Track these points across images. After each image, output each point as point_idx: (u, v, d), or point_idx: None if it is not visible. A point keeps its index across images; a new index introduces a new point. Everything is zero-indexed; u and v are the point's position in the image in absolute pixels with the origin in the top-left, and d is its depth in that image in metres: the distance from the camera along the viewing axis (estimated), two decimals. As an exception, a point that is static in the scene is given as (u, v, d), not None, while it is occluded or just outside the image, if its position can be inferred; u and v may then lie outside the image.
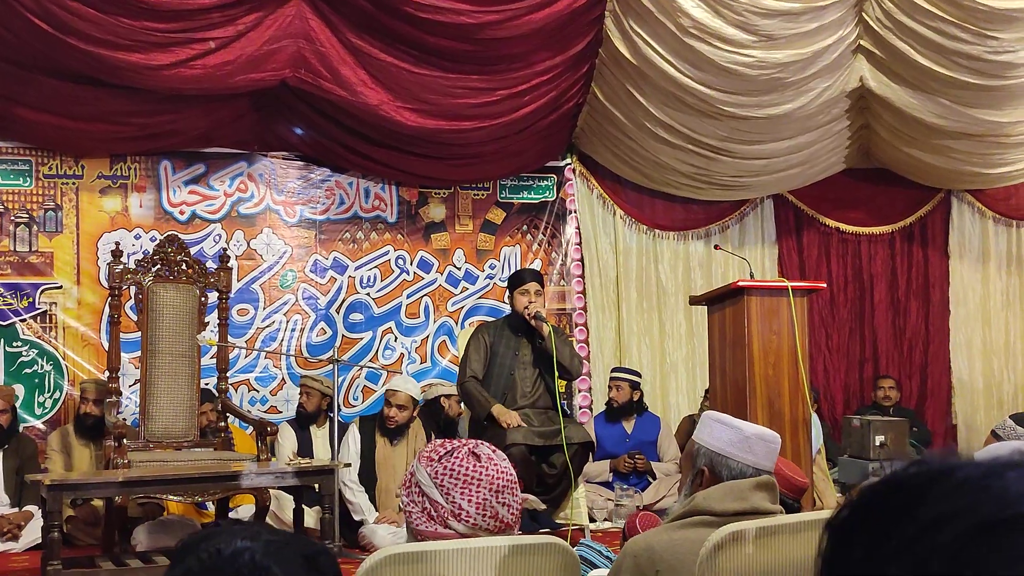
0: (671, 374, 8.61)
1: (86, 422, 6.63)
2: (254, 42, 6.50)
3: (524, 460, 5.70)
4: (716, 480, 2.52)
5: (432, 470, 2.24)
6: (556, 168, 8.46)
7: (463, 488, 2.22)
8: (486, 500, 2.22)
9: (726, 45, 7.25)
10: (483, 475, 2.22)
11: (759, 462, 2.52)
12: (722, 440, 2.54)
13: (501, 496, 2.24)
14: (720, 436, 2.55)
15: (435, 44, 6.95)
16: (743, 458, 2.50)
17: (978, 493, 0.54)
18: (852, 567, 0.58)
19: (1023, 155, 8.57)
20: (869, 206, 9.24)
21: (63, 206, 7.31)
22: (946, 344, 9.37)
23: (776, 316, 5.46)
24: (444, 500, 2.22)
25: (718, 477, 2.51)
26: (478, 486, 2.22)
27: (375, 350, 7.91)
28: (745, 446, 2.51)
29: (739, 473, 2.50)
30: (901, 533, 0.55)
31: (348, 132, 7.50)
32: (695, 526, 2.43)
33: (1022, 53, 7.55)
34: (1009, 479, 0.54)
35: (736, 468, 2.51)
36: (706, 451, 2.55)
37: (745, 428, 2.55)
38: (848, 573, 0.58)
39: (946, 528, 0.53)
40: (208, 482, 5.25)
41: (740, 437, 2.52)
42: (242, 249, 7.66)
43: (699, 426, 2.65)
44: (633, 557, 2.45)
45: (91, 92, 6.72)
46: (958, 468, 0.56)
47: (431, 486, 2.23)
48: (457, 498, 2.21)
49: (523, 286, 6.14)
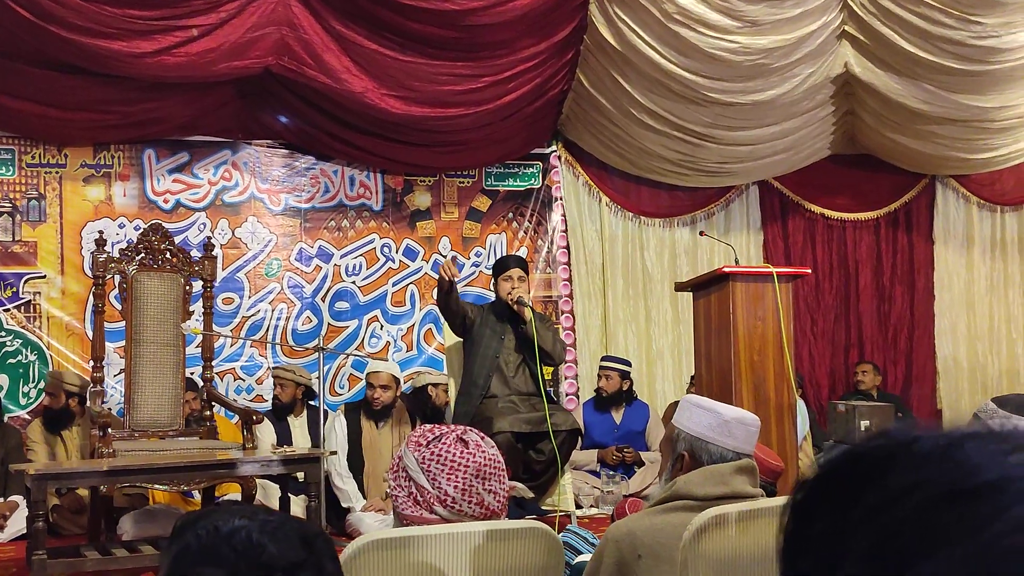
0: (657, 361, 8.62)
1: (47, 415, 6.63)
2: (237, 29, 6.47)
3: (510, 447, 5.70)
4: (696, 464, 2.51)
5: (419, 455, 2.24)
6: (541, 155, 8.45)
7: (449, 474, 2.22)
8: (472, 486, 2.22)
9: (710, 31, 7.25)
10: (470, 461, 2.22)
11: (739, 446, 2.52)
12: (701, 424, 2.53)
13: (488, 483, 2.24)
14: (700, 421, 2.54)
15: (419, 31, 6.93)
16: (723, 442, 2.50)
17: (940, 464, 0.55)
18: (813, 542, 0.58)
19: (1007, 140, 8.60)
20: (854, 192, 9.25)
21: (46, 195, 7.27)
22: (931, 329, 9.41)
23: (761, 302, 5.47)
24: (430, 485, 2.22)
25: (698, 462, 2.51)
26: (464, 472, 2.22)
27: (361, 338, 7.91)
28: (725, 430, 2.50)
29: (719, 457, 2.50)
30: (863, 505, 0.56)
31: (333, 120, 7.47)
32: (676, 511, 2.44)
33: (1006, 38, 7.57)
34: (969, 449, 0.55)
35: (716, 452, 2.50)
36: (686, 436, 2.55)
37: (724, 412, 2.55)
38: (810, 548, 0.58)
39: (908, 499, 0.54)
40: (194, 471, 5.24)
41: (719, 421, 2.51)
42: (227, 238, 7.63)
43: (679, 411, 2.64)
44: (615, 542, 2.45)
45: (74, 80, 6.68)
46: (919, 440, 0.57)
47: (418, 471, 2.23)
48: (443, 483, 2.21)
49: (507, 272, 6.13)
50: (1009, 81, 7.97)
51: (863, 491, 0.56)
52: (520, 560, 2.30)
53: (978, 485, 0.52)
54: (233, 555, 1.21)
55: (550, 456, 5.87)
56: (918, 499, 0.54)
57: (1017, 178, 9.51)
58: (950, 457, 0.55)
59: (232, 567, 1.20)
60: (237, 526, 1.24)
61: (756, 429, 2.58)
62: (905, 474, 0.55)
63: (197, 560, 1.22)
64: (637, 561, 2.39)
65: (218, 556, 1.21)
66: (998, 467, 0.53)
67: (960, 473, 0.54)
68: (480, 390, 6.00)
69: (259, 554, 1.21)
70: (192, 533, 1.25)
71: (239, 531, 1.23)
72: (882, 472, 0.56)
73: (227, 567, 1.20)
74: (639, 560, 2.39)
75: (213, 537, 1.23)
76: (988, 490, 0.52)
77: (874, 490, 0.56)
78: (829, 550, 0.56)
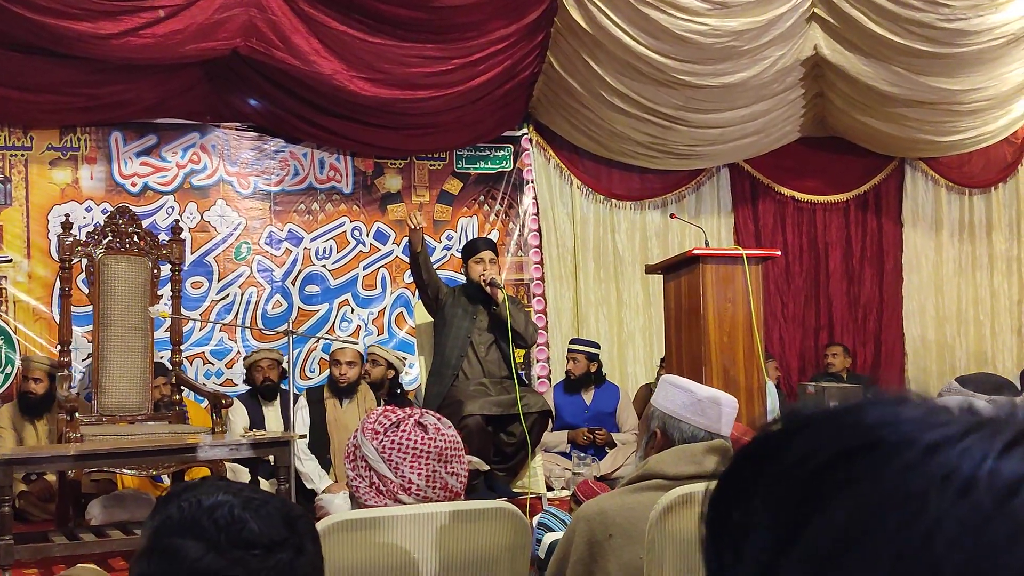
0: (628, 343, 8.64)
1: (28, 399, 6.52)
2: (204, 10, 6.41)
3: (480, 430, 5.70)
4: (668, 442, 2.51)
5: (379, 444, 2.22)
6: (513, 138, 8.44)
7: (412, 461, 2.20)
8: (435, 471, 2.21)
9: (681, 13, 7.25)
10: (431, 446, 2.21)
11: (711, 425, 2.51)
12: (675, 403, 2.52)
13: (449, 466, 2.23)
14: (673, 399, 2.53)
15: (389, 12, 6.89)
16: (695, 421, 2.49)
17: (834, 430, 0.56)
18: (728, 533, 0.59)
19: (975, 123, 8.65)
20: (824, 175, 9.29)
21: (12, 178, 7.19)
22: (899, 311, 9.47)
23: (731, 284, 5.49)
24: (393, 475, 2.20)
25: (670, 440, 2.51)
26: (427, 458, 2.21)
27: (331, 322, 7.88)
28: (697, 409, 2.49)
29: (690, 436, 2.49)
30: (763, 483, 0.57)
31: (302, 102, 7.43)
32: (648, 489, 2.43)
33: (974, 21, 7.61)
34: (865, 413, 0.56)
35: (687, 431, 2.50)
36: (660, 413, 2.55)
37: (698, 391, 2.54)
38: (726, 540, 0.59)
39: (803, 467, 0.55)
40: (162, 455, 5.20)
41: (692, 400, 2.51)
42: (195, 221, 7.58)
43: (657, 389, 2.64)
44: (586, 521, 2.45)
45: (39, 62, 6.61)
46: (818, 413, 0.58)
47: (379, 460, 2.21)
48: (406, 472, 2.20)
49: (478, 254, 6.13)
50: (977, 64, 8.01)
51: (766, 467, 0.58)
52: (487, 540, 2.29)
53: (869, 442, 0.54)
54: (214, 528, 1.22)
55: (521, 438, 5.88)
56: (811, 464, 0.55)
57: (985, 161, 9.58)
58: (844, 422, 0.56)
59: (212, 540, 1.22)
60: (220, 500, 1.25)
61: (732, 411, 2.57)
62: (801, 445, 0.56)
63: (178, 531, 1.23)
64: (608, 540, 2.39)
65: (199, 528, 1.23)
66: (891, 424, 0.55)
67: (852, 434, 0.55)
68: (452, 371, 6.00)
69: (240, 529, 1.22)
70: (175, 505, 1.26)
71: (222, 505, 1.24)
72: (780, 448, 0.58)
73: (207, 540, 1.22)
74: (610, 539, 2.38)
75: (195, 510, 1.24)
76: (878, 444, 0.54)
77: (772, 466, 0.57)
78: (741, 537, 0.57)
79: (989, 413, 0.56)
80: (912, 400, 0.57)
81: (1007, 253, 9.72)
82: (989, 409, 0.56)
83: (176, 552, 1.22)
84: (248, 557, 1.22)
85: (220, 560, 1.21)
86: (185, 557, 1.21)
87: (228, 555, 1.21)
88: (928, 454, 0.52)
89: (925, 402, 0.57)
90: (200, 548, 1.21)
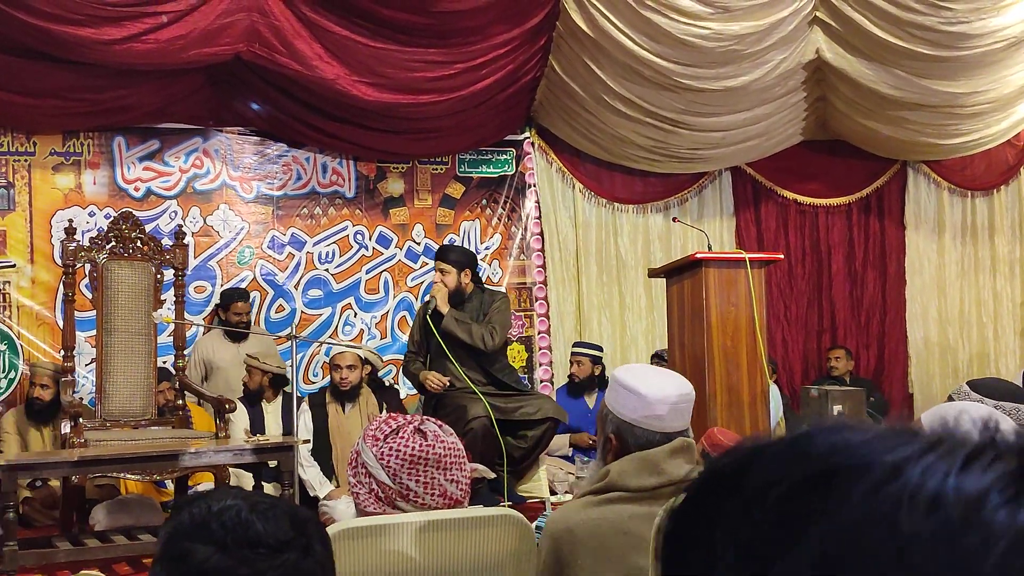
0: (631, 347, 8.63)
1: (35, 406, 6.50)
2: (207, 16, 6.42)
3: (487, 433, 5.70)
4: (624, 447, 2.39)
5: (378, 451, 2.21)
6: (515, 142, 8.44)
7: (411, 468, 2.19)
8: (434, 479, 2.20)
9: (683, 17, 7.25)
10: (430, 454, 2.20)
11: (667, 426, 2.38)
12: (626, 407, 2.40)
13: (449, 473, 2.22)
14: (625, 403, 2.40)
15: (391, 17, 6.90)
16: (649, 425, 2.37)
17: (790, 459, 0.57)
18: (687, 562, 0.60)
19: (978, 126, 8.65)
20: (826, 178, 9.29)
21: (15, 183, 7.20)
22: (902, 314, 9.46)
23: (734, 288, 5.49)
24: (392, 481, 2.19)
25: (625, 445, 2.39)
26: (426, 465, 2.20)
27: (334, 326, 7.88)
28: (648, 412, 2.37)
29: (646, 442, 2.37)
30: (723, 518, 0.57)
31: (304, 107, 7.44)
32: (612, 502, 2.32)
33: (976, 24, 7.61)
34: (817, 440, 0.57)
35: (642, 437, 2.37)
36: (613, 417, 2.42)
37: (647, 393, 2.38)
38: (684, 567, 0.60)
39: (763, 499, 0.56)
40: (166, 460, 5.21)
41: (642, 403, 2.38)
42: (198, 226, 7.59)
43: (609, 385, 2.50)
44: (552, 539, 2.35)
45: (42, 67, 6.61)
46: (770, 443, 0.59)
47: (378, 467, 2.20)
48: (405, 479, 2.19)
49: (436, 263, 6.13)
50: (979, 67, 8.01)
51: (721, 505, 0.58)
52: (492, 547, 2.29)
53: (826, 469, 0.55)
54: (222, 531, 1.26)
55: (530, 443, 5.88)
56: (772, 497, 0.55)
57: (987, 163, 9.57)
58: (795, 452, 0.57)
59: (219, 542, 1.25)
60: (228, 505, 1.29)
61: (687, 404, 2.44)
62: (758, 476, 0.57)
63: (188, 536, 1.27)
64: (576, 563, 2.30)
65: (208, 532, 1.27)
66: (844, 450, 0.56)
67: (807, 464, 0.56)
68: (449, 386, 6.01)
69: (246, 530, 1.26)
70: (187, 512, 1.31)
71: (229, 509, 1.29)
72: (737, 481, 0.58)
73: (216, 542, 1.25)
74: (578, 562, 2.30)
75: (204, 514, 1.29)
76: (837, 471, 0.55)
77: (731, 501, 0.57)
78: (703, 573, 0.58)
79: (935, 433, 0.57)
80: (854, 426, 0.58)
81: (1009, 255, 9.71)
82: (932, 429, 0.57)
83: (186, 555, 1.26)
84: (254, 556, 1.25)
85: (227, 560, 1.24)
86: (194, 559, 1.25)
87: (234, 555, 1.25)
88: (891, 475, 0.54)
89: (867, 426, 0.58)
90: (208, 550, 1.25)
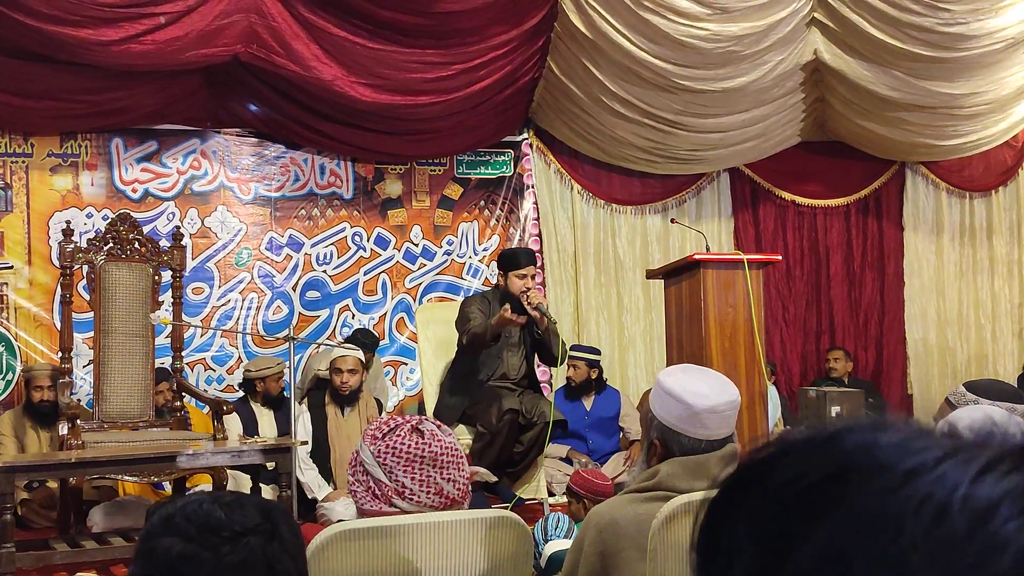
0: (629, 348, 8.64)
1: (42, 409, 6.46)
2: (204, 17, 6.42)
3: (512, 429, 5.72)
4: (668, 453, 2.45)
5: (375, 449, 2.22)
6: (513, 143, 8.44)
7: (406, 466, 2.19)
8: (430, 477, 2.20)
9: (681, 18, 7.25)
10: (425, 451, 2.20)
11: (712, 434, 2.43)
12: (672, 415, 2.44)
13: (445, 471, 2.22)
14: (671, 411, 2.44)
15: (389, 18, 6.90)
16: (694, 433, 2.41)
17: (816, 456, 0.58)
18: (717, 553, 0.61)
19: (976, 127, 8.65)
20: (824, 179, 9.29)
21: (12, 185, 7.19)
22: (901, 315, 9.47)
23: (732, 289, 5.48)
24: (387, 478, 2.19)
25: (670, 451, 2.45)
26: (421, 463, 2.20)
27: (332, 328, 7.88)
28: (695, 421, 2.41)
29: (691, 449, 2.42)
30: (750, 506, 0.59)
31: (302, 108, 7.43)
32: (659, 500, 2.37)
33: (974, 25, 7.62)
34: (846, 438, 0.58)
35: (688, 444, 2.42)
36: (658, 424, 2.47)
37: (695, 404, 2.42)
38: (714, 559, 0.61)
39: (786, 491, 0.57)
40: (163, 462, 5.20)
41: (689, 413, 2.41)
42: (196, 227, 7.58)
43: (653, 392, 2.54)
44: (597, 531, 2.41)
45: (39, 69, 6.61)
46: (801, 439, 0.60)
47: (374, 464, 2.21)
48: (400, 476, 2.19)
49: (520, 270, 5.99)
50: (977, 68, 8.02)
51: (747, 498, 0.59)
52: (489, 549, 2.29)
53: (847, 467, 0.56)
54: (186, 523, 1.34)
55: (529, 444, 5.88)
56: (792, 491, 0.57)
57: (986, 164, 9.58)
58: (824, 449, 0.58)
59: (184, 533, 1.33)
60: (193, 500, 1.38)
61: (732, 411, 2.48)
62: (783, 472, 0.58)
63: (157, 533, 1.35)
64: (620, 553, 2.35)
65: (172, 525, 1.34)
66: (869, 450, 0.57)
67: (832, 461, 0.57)
68: (480, 383, 5.94)
69: (208, 518, 1.33)
70: (157, 514, 1.39)
71: (193, 503, 1.37)
72: (765, 476, 0.59)
73: (180, 533, 1.33)
74: (622, 552, 2.35)
75: (171, 511, 1.37)
76: (857, 470, 0.56)
77: (756, 494, 0.59)
78: (728, 564, 0.59)
79: (968, 438, 0.57)
80: (891, 425, 0.59)
81: (1007, 257, 9.72)
82: (969, 433, 0.58)
83: (155, 550, 1.33)
84: (217, 541, 1.31)
85: (190, 546, 1.31)
86: (162, 552, 1.32)
87: (197, 541, 1.31)
88: (905, 480, 0.54)
89: (905, 427, 0.58)
90: (174, 540, 1.32)
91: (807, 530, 0.55)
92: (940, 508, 0.52)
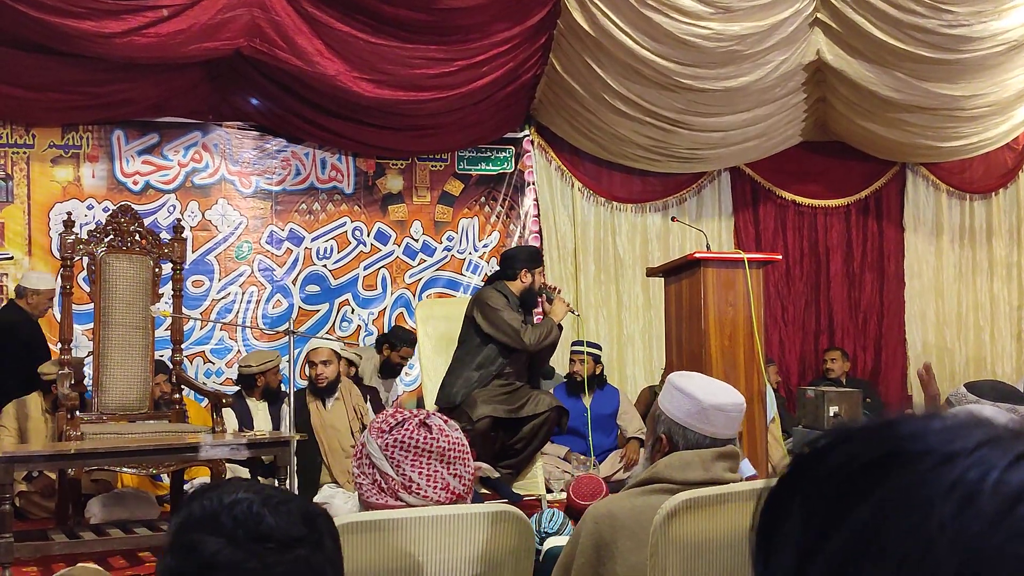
0: (628, 345, 8.64)
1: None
2: (207, 10, 6.41)
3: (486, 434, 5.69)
4: (673, 448, 2.49)
5: (383, 442, 2.22)
6: (514, 139, 8.44)
7: (413, 460, 2.20)
8: (437, 472, 2.20)
9: (684, 17, 7.25)
10: (434, 446, 2.20)
11: (717, 432, 2.48)
12: (680, 410, 2.49)
13: (452, 467, 2.22)
14: (679, 406, 2.50)
15: (392, 14, 6.89)
16: (700, 428, 2.47)
17: (870, 441, 0.59)
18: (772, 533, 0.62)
19: (977, 129, 8.66)
20: (825, 179, 9.30)
21: (14, 176, 7.19)
22: (901, 316, 9.47)
23: (732, 288, 5.49)
24: (394, 472, 2.20)
25: (675, 446, 2.49)
26: (428, 458, 2.20)
27: (332, 322, 7.88)
28: (703, 417, 2.46)
29: (695, 443, 2.47)
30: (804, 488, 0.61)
31: (304, 102, 7.43)
32: (655, 492, 2.42)
33: (976, 27, 7.62)
34: (901, 424, 0.59)
35: (692, 439, 2.47)
36: (665, 419, 2.52)
37: (704, 399, 2.49)
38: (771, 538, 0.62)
39: (838, 473, 0.59)
40: (162, 454, 5.20)
41: (698, 409, 2.47)
42: (197, 220, 7.58)
43: (664, 389, 2.60)
44: (594, 522, 2.44)
45: (42, 60, 6.61)
46: (860, 425, 0.61)
47: (381, 458, 2.21)
48: (407, 470, 2.19)
49: (540, 268, 6.08)
50: (979, 70, 8.02)
51: (802, 481, 0.61)
52: (491, 543, 2.29)
53: (894, 452, 0.57)
54: (232, 523, 1.26)
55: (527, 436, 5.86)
56: (843, 473, 0.58)
57: (986, 166, 9.59)
58: (879, 435, 0.59)
59: (229, 535, 1.25)
60: (240, 498, 1.28)
61: (738, 414, 2.53)
62: (837, 456, 0.60)
63: (198, 527, 1.27)
64: (615, 543, 2.38)
65: (217, 524, 1.26)
66: (918, 436, 0.58)
67: (883, 445, 0.58)
68: (491, 376, 5.89)
69: (257, 524, 1.25)
70: (198, 503, 1.30)
71: (241, 502, 1.28)
72: (821, 459, 0.61)
73: (225, 535, 1.25)
74: (617, 542, 2.38)
75: (215, 506, 1.28)
76: (902, 454, 0.57)
77: (811, 477, 0.60)
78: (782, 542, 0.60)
79: (1012, 426, 0.58)
80: (944, 414, 0.59)
81: (1007, 259, 9.73)
82: (1013, 422, 0.58)
83: (195, 546, 1.25)
84: (264, 551, 1.25)
85: (237, 553, 1.24)
86: (204, 551, 1.25)
87: (244, 548, 1.24)
88: (942, 464, 0.55)
89: (956, 416, 0.59)
90: (218, 542, 1.25)
91: (851, 509, 0.56)
92: (971, 491, 0.53)
